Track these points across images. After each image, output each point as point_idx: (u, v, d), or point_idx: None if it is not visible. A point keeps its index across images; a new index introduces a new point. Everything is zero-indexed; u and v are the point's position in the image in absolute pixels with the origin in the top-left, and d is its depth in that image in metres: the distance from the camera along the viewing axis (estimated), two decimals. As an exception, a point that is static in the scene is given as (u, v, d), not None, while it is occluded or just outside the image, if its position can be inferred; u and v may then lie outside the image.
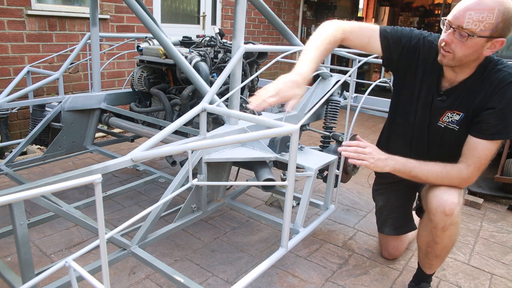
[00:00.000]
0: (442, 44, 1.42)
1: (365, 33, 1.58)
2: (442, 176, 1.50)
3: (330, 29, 1.53)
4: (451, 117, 1.55)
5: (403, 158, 1.54)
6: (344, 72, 2.55)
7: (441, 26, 1.43)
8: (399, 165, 1.53)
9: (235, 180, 2.54)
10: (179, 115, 2.22)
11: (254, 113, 1.96)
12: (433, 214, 1.50)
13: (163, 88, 2.32)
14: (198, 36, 2.40)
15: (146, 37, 2.54)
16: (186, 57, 2.05)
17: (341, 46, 1.63)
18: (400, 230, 1.99)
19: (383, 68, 1.95)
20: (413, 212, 2.03)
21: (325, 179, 1.95)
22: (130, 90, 2.53)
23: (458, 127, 1.54)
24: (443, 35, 1.42)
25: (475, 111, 1.48)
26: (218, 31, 2.34)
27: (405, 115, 1.69)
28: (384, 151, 1.64)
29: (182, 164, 2.03)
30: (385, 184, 2.00)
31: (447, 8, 8.49)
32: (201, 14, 5.18)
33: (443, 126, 1.58)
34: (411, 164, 1.52)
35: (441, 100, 1.56)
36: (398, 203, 1.96)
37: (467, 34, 1.34)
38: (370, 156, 1.51)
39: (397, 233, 2.00)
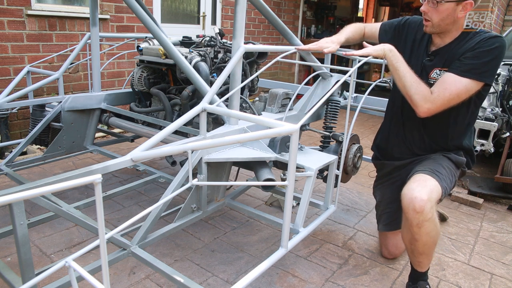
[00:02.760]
0: (423, 15, 1.67)
1: (374, 26, 2.04)
2: (414, 83, 1.62)
3: (358, 24, 2.05)
4: (440, 74, 1.70)
5: (395, 49, 1.69)
6: (344, 72, 2.54)
7: (420, 1, 1.68)
8: (393, 52, 1.66)
9: (235, 180, 2.54)
10: (179, 115, 2.21)
11: (254, 113, 1.96)
12: (406, 212, 1.57)
13: (163, 88, 2.32)
14: (198, 36, 2.40)
15: (146, 37, 2.54)
16: (186, 57, 2.05)
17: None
18: (391, 226, 2.01)
19: (383, 68, 1.98)
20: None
21: (325, 179, 1.95)
22: (130, 90, 2.53)
23: None
24: (421, 8, 1.67)
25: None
26: (218, 31, 2.34)
27: None
28: (381, 134, 2.05)
29: (182, 164, 2.03)
30: (383, 178, 2.05)
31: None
32: (201, 14, 5.18)
33: (432, 82, 1.72)
34: (401, 58, 1.66)
35: (429, 60, 1.76)
36: (392, 198, 1.98)
37: (436, 1, 1.58)
38: (370, 49, 1.67)
39: (388, 228, 2.02)
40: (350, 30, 1.98)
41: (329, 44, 1.81)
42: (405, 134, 1.89)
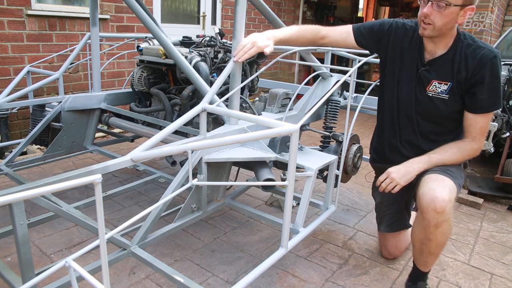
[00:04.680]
0: (423, 18, 1.59)
1: (343, 30, 1.86)
2: (460, 154, 1.68)
3: (312, 26, 1.85)
4: (439, 87, 1.69)
5: (423, 156, 1.68)
6: (344, 72, 2.55)
7: (418, 2, 1.61)
8: (425, 165, 1.66)
9: (235, 180, 2.54)
10: (179, 115, 2.21)
11: (254, 113, 1.96)
12: (425, 212, 1.54)
13: (163, 88, 2.32)
14: (198, 36, 2.40)
15: (146, 37, 2.54)
16: (186, 57, 2.05)
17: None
18: (393, 226, 2.00)
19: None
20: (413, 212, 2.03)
21: (325, 179, 1.95)
22: (130, 90, 2.53)
23: (447, 96, 1.68)
24: (422, 9, 1.59)
25: (462, 83, 1.64)
26: (218, 31, 2.34)
27: (390, 90, 1.84)
28: (377, 137, 1.98)
29: (182, 164, 2.03)
30: None
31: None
32: (201, 14, 5.18)
33: (431, 95, 1.71)
34: (434, 159, 1.67)
35: (425, 70, 1.71)
36: (393, 199, 1.97)
37: (444, 4, 1.52)
38: (395, 178, 1.64)
39: (390, 229, 2.01)
40: (297, 31, 1.78)
41: (265, 41, 1.63)
42: (402, 142, 1.86)
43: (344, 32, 1.84)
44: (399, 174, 1.63)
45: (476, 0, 1.58)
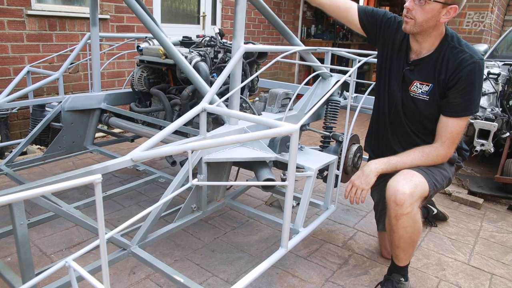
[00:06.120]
0: (405, 12, 1.61)
1: (351, 7, 1.86)
2: (424, 159, 1.67)
3: None
4: (420, 88, 1.70)
5: (384, 158, 1.69)
6: (344, 72, 2.55)
7: None
8: (383, 166, 1.67)
9: (235, 180, 2.54)
10: (179, 115, 2.22)
11: (254, 113, 1.96)
12: (387, 203, 1.60)
13: (163, 88, 2.32)
14: (198, 36, 2.40)
15: (146, 37, 2.54)
16: (186, 57, 2.05)
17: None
18: None
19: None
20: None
21: (325, 179, 1.95)
22: (130, 90, 2.53)
23: (428, 97, 1.69)
24: (405, 4, 1.61)
25: (441, 85, 1.65)
26: (218, 31, 2.34)
27: (382, 88, 1.85)
28: (372, 136, 1.98)
29: (182, 164, 2.03)
30: (380, 178, 2.03)
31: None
32: (201, 14, 5.18)
33: (412, 95, 1.73)
34: (393, 161, 1.68)
35: (409, 70, 1.73)
36: None
37: None
38: (358, 186, 1.67)
39: None
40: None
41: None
42: (395, 140, 1.87)
43: (351, 8, 1.85)
44: (360, 179, 1.67)
45: (461, 2, 1.56)
